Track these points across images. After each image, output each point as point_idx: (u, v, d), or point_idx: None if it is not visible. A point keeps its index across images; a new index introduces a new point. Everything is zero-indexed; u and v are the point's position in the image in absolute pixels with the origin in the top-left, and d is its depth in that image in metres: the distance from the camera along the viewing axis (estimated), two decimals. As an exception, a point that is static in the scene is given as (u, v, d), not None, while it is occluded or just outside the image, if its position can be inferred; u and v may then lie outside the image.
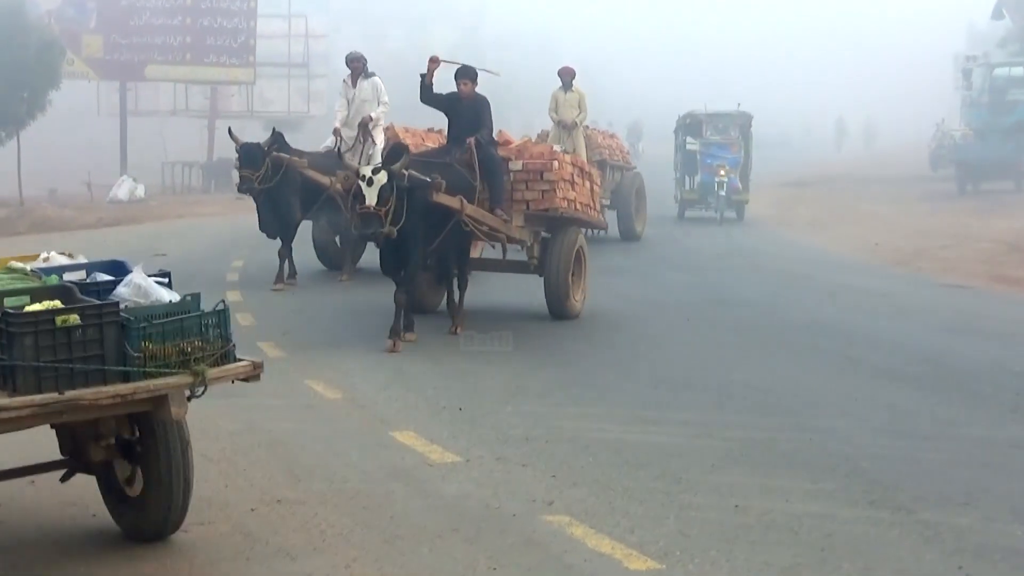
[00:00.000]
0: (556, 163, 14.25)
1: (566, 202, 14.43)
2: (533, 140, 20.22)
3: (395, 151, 13.03)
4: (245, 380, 6.74)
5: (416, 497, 7.94)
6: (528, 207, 14.30)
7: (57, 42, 38.28)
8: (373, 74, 18.63)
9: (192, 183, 44.51)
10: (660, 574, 6.45)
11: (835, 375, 11.74)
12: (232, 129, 17.90)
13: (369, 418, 10.18)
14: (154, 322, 6.26)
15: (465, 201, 13.10)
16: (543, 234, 15.03)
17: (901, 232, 25.51)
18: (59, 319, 5.96)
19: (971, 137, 38.30)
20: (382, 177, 12.09)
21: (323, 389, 11.15)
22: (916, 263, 20.79)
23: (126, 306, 6.37)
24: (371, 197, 11.99)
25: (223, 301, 6.71)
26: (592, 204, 15.77)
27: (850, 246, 23.97)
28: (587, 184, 15.51)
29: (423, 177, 12.49)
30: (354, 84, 18.40)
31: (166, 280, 6.99)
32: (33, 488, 8.04)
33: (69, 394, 5.87)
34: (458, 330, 13.70)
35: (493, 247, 15.33)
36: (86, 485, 7.81)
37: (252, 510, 7.69)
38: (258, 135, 20.69)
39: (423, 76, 14.18)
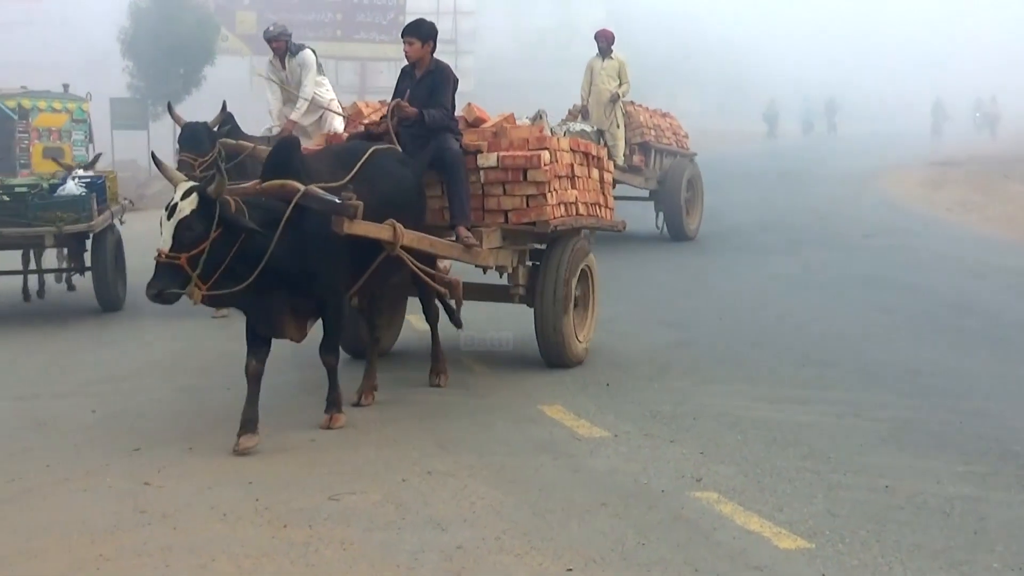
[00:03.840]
0: (546, 154, 9.99)
1: (563, 208, 10.40)
2: (550, 121, 16.56)
3: (282, 148, 8.77)
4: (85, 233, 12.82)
5: (564, 471, 7.97)
6: (507, 219, 10.13)
7: (212, 19, 39.09)
8: (302, 46, 15.23)
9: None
10: (810, 553, 6.39)
11: (985, 356, 11.53)
12: (172, 104, 14.22)
13: (517, 392, 10.20)
14: (37, 201, 13.39)
15: (400, 228, 8.84)
16: (535, 245, 10.91)
17: (1054, 212, 24.95)
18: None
19: None
20: (188, 204, 7.50)
21: (472, 363, 11.23)
22: (1069, 246, 20.35)
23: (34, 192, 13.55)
24: (166, 237, 7.52)
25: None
26: (603, 201, 11.48)
27: (1001, 226, 23.49)
28: (595, 174, 11.26)
29: (328, 196, 8.19)
30: (283, 65, 15.00)
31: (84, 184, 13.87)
32: (191, 453, 8.21)
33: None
34: (442, 380, 10.20)
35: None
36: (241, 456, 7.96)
37: (403, 480, 7.78)
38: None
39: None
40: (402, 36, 10.24)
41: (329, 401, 8.92)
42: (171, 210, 7.49)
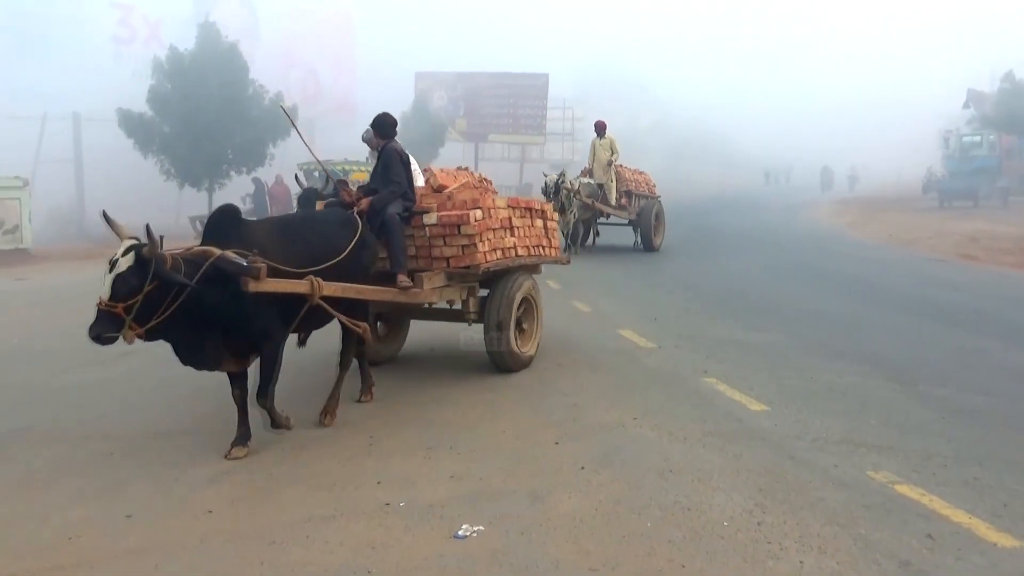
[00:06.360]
0: (478, 213, 7.28)
1: (498, 253, 7.55)
2: (568, 177, 16.48)
3: (218, 216, 5.71)
4: None
5: (632, 366, 7.86)
6: (449, 264, 7.31)
7: (443, 124, 39.60)
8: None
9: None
10: (767, 412, 6.24)
11: (867, 307, 11.08)
12: (300, 175, 10.57)
13: (605, 322, 10.05)
14: None
15: (318, 281, 5.83)
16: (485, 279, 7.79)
17: (905, 228, 24.11)
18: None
19: (947, 176, 37.20)
20: (126, 261, 5.03)
21: (581, 306, 11.13)
22: (913, 246, 19.59)
23: None
24: (106, 288, 5.00)
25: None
26: (546, 243, 8.50)
27: (874, 236, 22.72)
28: (538, 223, 8.37)
29: (238, 260, 5.34)
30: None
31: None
32: (434, 361, 8.22)
33: None
34: (327, 419, 6.28)
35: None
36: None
37: (543, 369, 7.74)
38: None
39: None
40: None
41: (238, 434, 5.68)
42: (112, 264, 5.03)
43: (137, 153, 26.70)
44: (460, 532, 4.29)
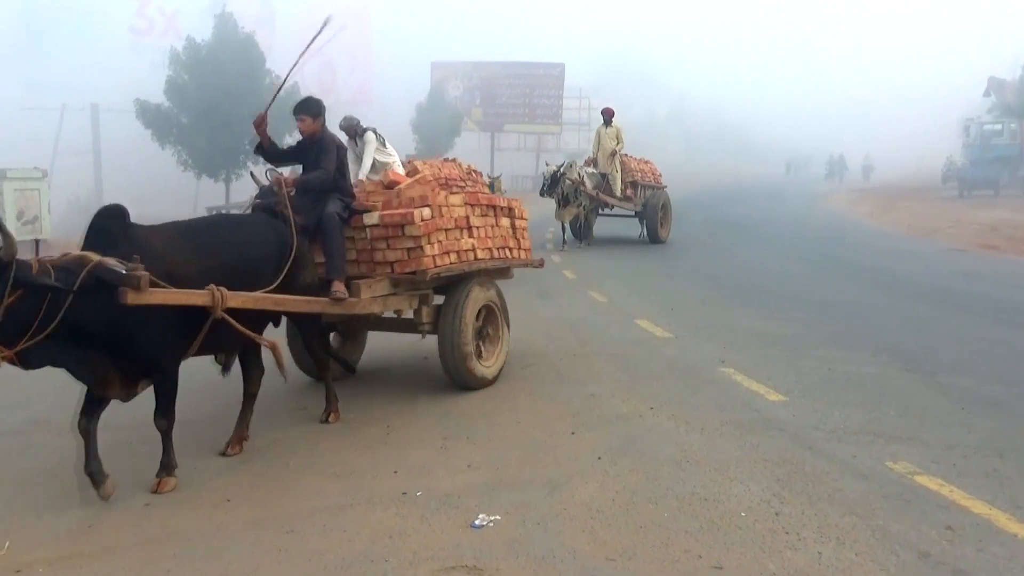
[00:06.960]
0: (425, 211, 6.23)
1: (452, 256, 6.49)
2: (578, 165, 16.16)
3: (102, 216, 4.71)
4: None
5: (648, 356, 7.82)
6: (393, 270, 6.30)
7: (459, 114, 39.59)
8: (367, 129, 9.84)
9: (525, 187, 45.15)
10: (785, 403, 6.19)
11: (886, 297, 11.01)
12: (255, 174, 9.04)
13: (622, 312, 10.00)
14: None
15: (220, 292, 4.84)
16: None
17: (924, 218, 23.93)
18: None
19: (968, 165, 36.71)
20: None
21: (597, 296, 11.10)
22: (934, 236, 19.43)
23: None
24: None
25: None
26: (514, 244, 7.29)
27: (893, 225, 22.56)
28: (504, 222, 7.18)
29: (117, 268, 4.38)
30: (356, 143, 9.85)
31: None
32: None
33: None
34: (330, 418, 6.03)
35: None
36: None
37: (560, 359, 7.71)
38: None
39: (259, 144, 6.25)
40: (294, 114, 6.24)
41: (161, 464, 4.95)
42: None
43: (155, 144, 26.84)
44: (477, 521, 4.30)
